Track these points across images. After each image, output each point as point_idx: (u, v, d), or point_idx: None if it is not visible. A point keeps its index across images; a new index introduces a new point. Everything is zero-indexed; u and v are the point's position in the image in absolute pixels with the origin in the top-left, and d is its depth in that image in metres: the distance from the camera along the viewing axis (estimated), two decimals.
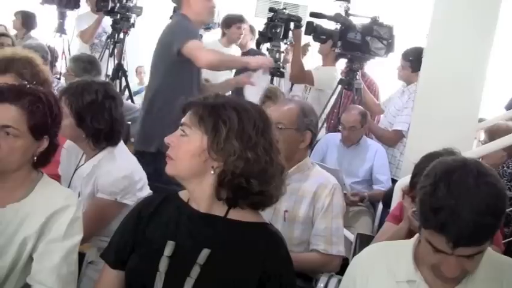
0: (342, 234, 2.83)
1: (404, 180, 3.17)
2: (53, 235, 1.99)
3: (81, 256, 2.18)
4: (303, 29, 5.07)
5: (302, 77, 5.37)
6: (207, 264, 1.80)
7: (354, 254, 2.88)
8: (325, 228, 2.76)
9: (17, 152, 2.00)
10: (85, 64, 4.67)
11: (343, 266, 2.74)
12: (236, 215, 1.87)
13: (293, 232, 2.77)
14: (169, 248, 1.84)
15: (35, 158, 2.07)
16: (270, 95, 4.45)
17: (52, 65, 5.88)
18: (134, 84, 8.11)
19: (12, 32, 7.10)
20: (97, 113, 2.67)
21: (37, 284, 1.94)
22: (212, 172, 1.83)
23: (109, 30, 6.53)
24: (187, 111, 1.88)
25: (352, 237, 3.53)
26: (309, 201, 2.79)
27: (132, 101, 6.61)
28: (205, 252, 1.81)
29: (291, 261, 1.91)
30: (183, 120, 1.88)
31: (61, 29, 6.83)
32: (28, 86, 2.13)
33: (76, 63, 4.76)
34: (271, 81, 5.49)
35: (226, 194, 1.84)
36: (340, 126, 4.73)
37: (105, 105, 2.69)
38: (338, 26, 4.87)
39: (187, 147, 1.83)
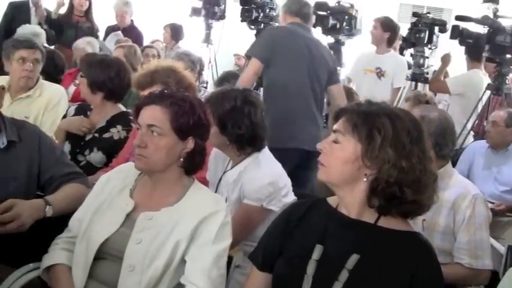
0: (488, 247, 2.71)
1: None
2: (203, 239, 2.06)
3: (229, 260, 2.24)
4: (448, 33, 4.96)
5: (437, 88, 5.64)
6: (355, 269, 1.80)
7: (505, 267, 2.76)
8: (468, 241, 2.67)
9: (162, 151, 2.10)
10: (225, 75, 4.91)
11: (492, 279, 2.64)
12: (386, 222, 1.85)
13: (433, 241, 2.66)
14: (317, 252, 1.86)
15: (182, 159, 2.16)
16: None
17: (199, 74, 6.12)
18: None
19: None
20: (237, 119, 2.74)
21: (189, 284, 2.03)
22: (365, 179, 1.82)
23: None
24: (340, 118, 1.88)
25: (502, 248, 3.38)
26: (448, 210, 2.70)
27: None
28: (354, 258, 1.81)
29: (441, 270, 1.86)
30: (335, 127, 1.88)
31: (208, 40, 7.12)
32: (171, 89, 2.25)
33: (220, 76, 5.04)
34: (415, 87, 5.41)
35: (378, 201, 1.82)
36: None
37: (244, 110, 2.76)
38: (486, 29, 4.71)
39: (340, 155, 1.83)
